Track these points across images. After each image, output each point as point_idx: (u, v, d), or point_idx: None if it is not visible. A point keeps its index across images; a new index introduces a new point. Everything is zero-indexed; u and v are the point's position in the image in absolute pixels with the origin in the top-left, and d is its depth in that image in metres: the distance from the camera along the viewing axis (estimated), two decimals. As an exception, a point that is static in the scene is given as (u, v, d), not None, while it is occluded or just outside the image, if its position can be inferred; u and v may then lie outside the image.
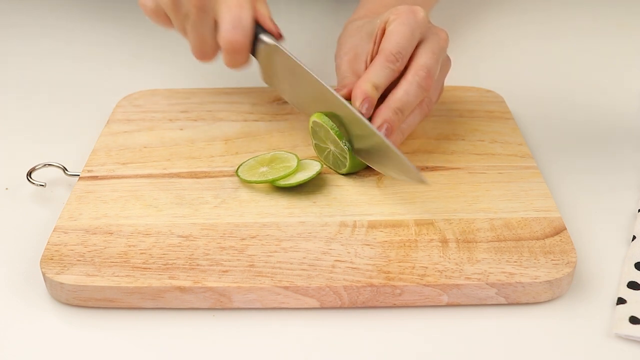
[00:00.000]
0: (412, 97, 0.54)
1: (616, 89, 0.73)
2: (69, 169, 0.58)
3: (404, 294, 0.47)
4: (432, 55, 0.55)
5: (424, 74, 0.54)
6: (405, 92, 0.53)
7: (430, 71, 0.54)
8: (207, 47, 0.57)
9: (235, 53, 0.56)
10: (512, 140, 0.61)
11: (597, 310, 0.47)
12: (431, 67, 0.54)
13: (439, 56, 0.56)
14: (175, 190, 0.55)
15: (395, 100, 0.53)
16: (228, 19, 0.54)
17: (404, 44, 0.54)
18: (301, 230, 0.51)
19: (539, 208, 0.52)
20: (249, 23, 0.55)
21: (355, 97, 0.53)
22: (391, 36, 0.54)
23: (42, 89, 0.73)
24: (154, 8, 0.57)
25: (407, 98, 0.53)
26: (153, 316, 0.47)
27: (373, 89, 0.53)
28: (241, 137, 0.61)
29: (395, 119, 0.53)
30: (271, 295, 0.46)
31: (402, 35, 0.54)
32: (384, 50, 0.54)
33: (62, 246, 0.49)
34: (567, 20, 0.87)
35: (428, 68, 0.54)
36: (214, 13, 0.55)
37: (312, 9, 0.89)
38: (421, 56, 0.55)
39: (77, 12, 0.89)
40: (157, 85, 0.71)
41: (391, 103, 0.53)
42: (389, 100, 0.54)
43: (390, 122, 0.53)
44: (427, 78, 0.54)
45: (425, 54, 0.55)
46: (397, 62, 0.54)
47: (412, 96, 0.54)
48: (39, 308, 0.48)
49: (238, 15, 0.54)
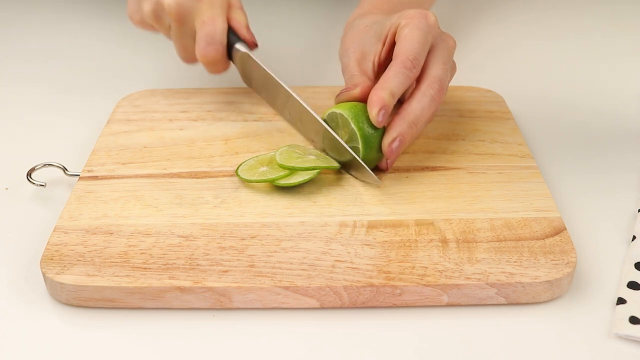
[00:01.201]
0: (426, 110, 0.54)
1: (616, 89, 0.73)
2: (69, 169, 0.58)
3: (404, 294, 0.47)
4: (444, 67, 0.55)
5: (437, 87, 0.54)
6: (420, 105, 0.54)
7: (443, 84, 0.54)
8: (190, 54, 0.63)
9: (211, 65, 0.61)
10: (512, 140, 0.61)
11: (597, 310, 0.47)
12: (443, 79, 0.55)
13: (449, 65, 0.56)
14: (175, 190, 0.55)
15: (410, 113, 0.54)
16: (201, 35, 0.59)
17: (419, 50, 0.53)
18: (301, 230, 0.51)
19: (539, 208, 0.52)
20: (221, 38, 0.60)
21: (372, 104, 0.53)
22: (406, 41, 0.54)
23: (42, 89, 0.73)
24: (140, 19, 0.63)
25: (422, 111, 0.54)
26: (153, 316, 0.47)
27: (390, 97, 0.53)
28: (241, 137, 0.61)
29: (409, 132, 0.54)
30: (271, 295, 0.46)
31: (417, 40, 0.53)
32: (400, 56, 0.53)
33: (62, 246, 0.49)
34: (567, 20, 0.87)
35: (440, 80, 0.54)
36: (192, 24, 0.60)
37: (313, 8, 0.89)
38: (433, 67, 0.55)
39: (77, 12, 0.89)
40: (157, 85, 0.71)
41: (406, 116, 0.54)
42: (404, 112, 0.54)
43: (404, 136, 0.53)
44: (440, 91, 0.54)
45: (437, 64, 0.55)
46: (413, 68, 0.53)
47: (426, 109, 0.54)
48: (39, 308, 0.48)
49: (211, 31, 0.59)
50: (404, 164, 0.58)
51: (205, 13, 0.59)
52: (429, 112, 0.54)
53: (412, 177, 0.56)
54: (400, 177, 0.56)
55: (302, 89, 0.67)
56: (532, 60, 0.79)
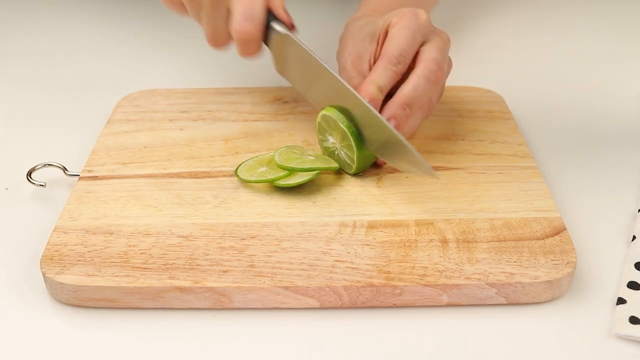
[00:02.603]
0: (421, 92, 0.54)
1: (616, 88, 0.73)
2: (69, 169, 0.58)
3: (404, 294, 0.47)
4: (439, 51, 0.55)
5: (434, 67, 0.54)
6: (413, 86, 0.54)
7: (440, 64, 0.54)
8: (221, 36, 0.58)
9: (246, 43, 0.56)
10: (512, 140, 0.61)
11: (597, 310, 0.47)
12: (440, 60, 0.55)
13: (445, 52, 0.56)
14: (175, 190, 0.55)
15: (401, 96, 0.54)
16: (240, 10, 0.55)
17: (405, 47, 0.54)
18: (301, 230, 0.51)
19: (539, 208, 0.52)
20: (261, 14, 0.55)
21: None
22: (393, 39, 0.55)
23: (42, 89, 0.73)
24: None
25: (415, 93, 0.54)
26: (153, 316, 0.47)
27: (378, 91, 0.53)
28: (241, 137, 0.61)
29: (402, 114, 0.53)
30: (271, 295, 0.46)
31: (404, 38, 0.54)
32: (386, 53, 0.54)
33: (62, 246, 0.49)
34: (567, 19, 0.87)
35: (437, 61, 0.54)
36: (227, 3, 0.56)
37: (316, 7, 0.89)
38: (427, 52, 0.55)
39: (77, 12, 0.89)
40: (157, 85, 0.71)
41: (397, 99, 0.54)
42: (395, 95, 0.54)
43: (397, 118, 0.53)
44: (438, 71, 0.54)
45: (431, 49, 0.55)
46: (399, 64, 0.54)
47: (421, 90, 0.54)
48: (39, 308, 0.48)
49: (250, 6, 0.55)
50: (404, 164, 0.58)
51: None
52: (423, 93, 0.54)
53: (412, 177, 0.56)
54: (400, 177, 0.56)
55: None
56: (532, 60, 0.79)
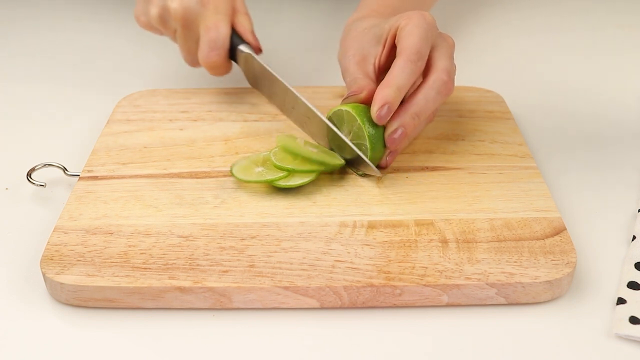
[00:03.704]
0: (431, 103, 0.54)
1: (616, 89, 0.73)
2: (69, 169, 0.58)
3: (404, 294, 0.47)
4: (450, 60, 0.55)
5: (445, 78, 0.54)
6: (424, 96, 0.54)
7: (451, 74, 0.55)
8: (194, 57, 0.64)
9: (214, 68, 0.62)
10: (512, 140, 0.61)
11: (597, 310, 0.47)
12: (451, 70, 0.55)
13: (453, 59, 0.56)
14: (175, 190, 0.55)
15: (413, 104, 0.54)
16: (205, 41, 0.61)
17: (421, 44, 0.54)
18: (301, 230, 0.51)
19: (539, 208, 0.52)
20: (224, 43, 0.61)
21: (375, 102, 0.53)
22: (408, 37, 0.54)
23: (42, 89, 0.73)
24: (147, 22, 0.64)
25: (426, 103, 0.54)
26: (153, 316, 0.47)
27: (396, 92, 0.53)
28: (241, 137, 0.61)
29: (411, 124, 0.54)
30: (271, 295, 0.46)
31: (418, 35, 0.54)
32: (404, 50, 0.54)
33: (62, 246, 0.49)
34: (568, 19, 0.87)
35: (449, 71, 0.54)
36: (197, 29, 0.61)
37: (316, 7, 0.89)
38: (439, 61, 0.55)
39: (77, 11, 0.89)
40: (157, 85, 0.71)
41: (409, 107, 0.54)
42: (407, 104, 0.54)
43: (406, 127, 0.54)
44: (449, 82, 0.54)
45: (442, 58, 0.55)
46: (418, 61, 0.53)
47: (431, 101, 0.54)
48: (39, 308, 0.48)
49: (214, 37, 0.60)
50: (404, 164, 0.58)
51: (210, 18, 0.60)
52: (433, 104, 0.54)
53: (412, 177, 0.56)
54: (400, 177, 0.56)
55: (303, 89, 0.67)
56: (532, 60, 0.79)
